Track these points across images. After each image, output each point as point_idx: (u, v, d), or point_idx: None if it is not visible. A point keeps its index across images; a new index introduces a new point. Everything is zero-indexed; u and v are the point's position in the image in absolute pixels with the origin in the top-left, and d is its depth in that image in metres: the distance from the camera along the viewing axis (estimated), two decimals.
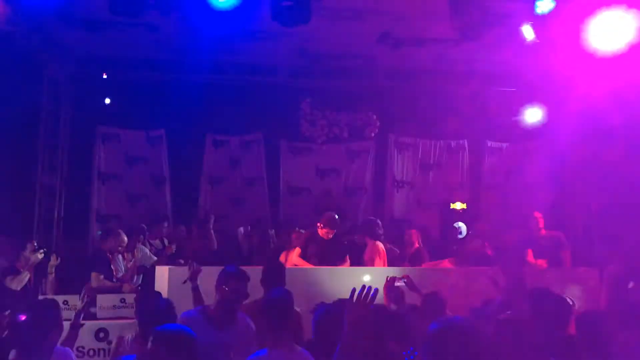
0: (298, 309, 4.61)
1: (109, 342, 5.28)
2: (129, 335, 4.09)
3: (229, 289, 3.85)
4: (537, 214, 7.63)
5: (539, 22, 6.89)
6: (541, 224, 7.51)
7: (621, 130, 8.25)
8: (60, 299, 4.99)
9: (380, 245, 7.09)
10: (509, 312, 2.57)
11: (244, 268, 4.08)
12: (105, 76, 8.89)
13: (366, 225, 7.29)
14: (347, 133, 10.01)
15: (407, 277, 5.33)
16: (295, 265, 6.58)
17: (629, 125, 8.08)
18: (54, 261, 6.61)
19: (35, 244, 6.43)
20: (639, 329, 3.10)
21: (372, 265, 6.89)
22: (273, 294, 3.66)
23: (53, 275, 6.59)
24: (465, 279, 6.29)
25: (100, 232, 7.91)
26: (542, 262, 7.20)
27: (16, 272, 6.08)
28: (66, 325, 3.85)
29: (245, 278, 3.96)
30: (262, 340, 3.58)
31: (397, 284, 5.20)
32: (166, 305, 3.78)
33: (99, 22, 7.53)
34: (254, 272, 4.38)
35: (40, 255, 6.27)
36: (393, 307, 4.76)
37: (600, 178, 9.02)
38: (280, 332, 3.35)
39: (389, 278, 5.18)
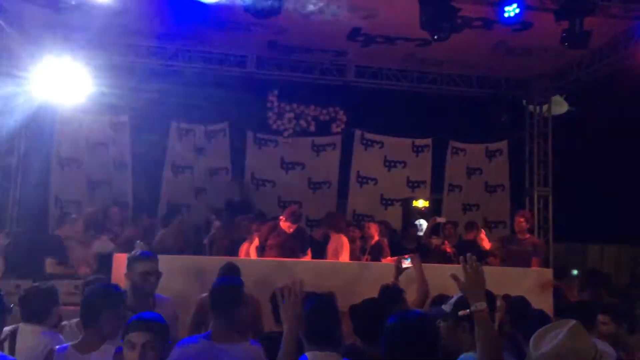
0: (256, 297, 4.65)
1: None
2: (71, 321, 4.02)
3: (136, 273, 3.76)
4: (521, 218, 7.79)
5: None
6: (525, 227, 7.69)
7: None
8: (12, 283, 4.86)
9: (345, 238, 7.15)
10: (467, 309, 2.61)
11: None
12: (68, 57, 8.64)
13: (330, 219, 7.34)
14: (313, 127, 10.02)
15: (413, 256, 5.30)
16: (248, 256, 6.60)
17: None
18: (3, 240, 6.42)
19: None
20: None
21: (336, 258, 6.94)
22: (216, 283, 3.59)
23: (2, 257, 6.40)
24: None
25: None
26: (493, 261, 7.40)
27: None
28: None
29: (152, 259, 3.86)
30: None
31: (404, 265, 5.19)
32: (113, 291, 3.67)
33: (66, 2, 7.34)
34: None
35: None
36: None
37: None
38: (219, 321, 3.30)
39: (396, 258, 5.22)
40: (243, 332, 3.47)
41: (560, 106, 9.90)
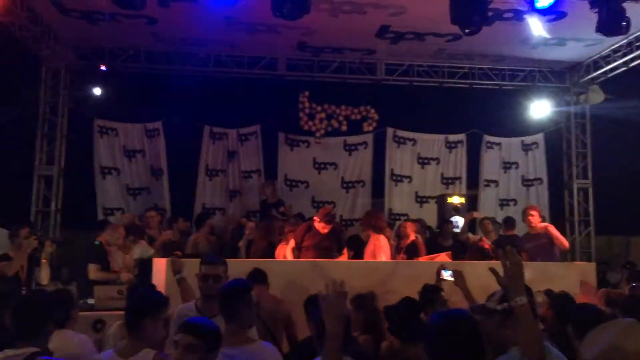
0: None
1: None
2: (117, 323, 4.08)
3: (200, 276, 3.76)
4: (532, 211, 7.66)
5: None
6: (535, 221, 7.54)
7: None
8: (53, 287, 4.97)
9: (384, 238, 7.09)
10: (506, 303, 2.56)
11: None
12: (103, 68, 8.87)
13: (370, 218, 7.29)
14: (345, 126, 10.01)
15: (456, 271, 4.70)
16: (285, 257, 6.61)
17: None
18: (48, 247, 6.57)
19: (29, 231, 6.36)
20: None
21: (374, 258, 6.90)
22: (222, 287, 3.47)
23: (47, 262, 6.55)
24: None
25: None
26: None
27: (8, 259, 6.06)
28: None
29: (217, 262, 3.84)
30: None
31: (443, 277, 4.87)
32: (155, 297, 3.70)
33: (99, 13, 7.52)
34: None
35: (34, 242, 6.20)
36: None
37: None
38: (227, 325, 3.19)
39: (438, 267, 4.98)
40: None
41: (597, 95, 9.62)
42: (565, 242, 7.62)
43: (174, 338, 2.75)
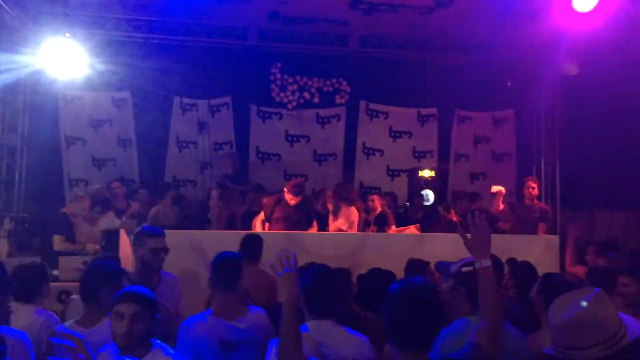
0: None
1: None
2: (76, 297, 4.04)
3: (145, 249, 3.75)
4: (532, 183, 7.77)
5: None
6: (535, 193, 7.67)
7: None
8: (16, 261, 4.88)
9: (356, 210, 7.14)
10: (471, 266, 2.59)
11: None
12: (68, 35, 8.59)
13: (341, 190, 7.32)
14: (317, 99, 9.94)
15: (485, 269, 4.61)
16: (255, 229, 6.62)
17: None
18: (7, 225, 6.46)
19: None
20: None
21: (348, 230, 6.94)
22: (215, 259, 3.55)
23: (6, 238, 6.45)
24: (434, 244, 6.37)
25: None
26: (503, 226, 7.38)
27: None
28: None
29: (161, 235, 3.85)
30: None
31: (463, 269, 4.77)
32: (111, 267, 3.67)
33: None
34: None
35: None
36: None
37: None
38: (221, 296, 3.32)
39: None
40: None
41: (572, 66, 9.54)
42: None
43: (116, 308, 2.75)
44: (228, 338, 3.20)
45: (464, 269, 2.69)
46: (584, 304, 2.11)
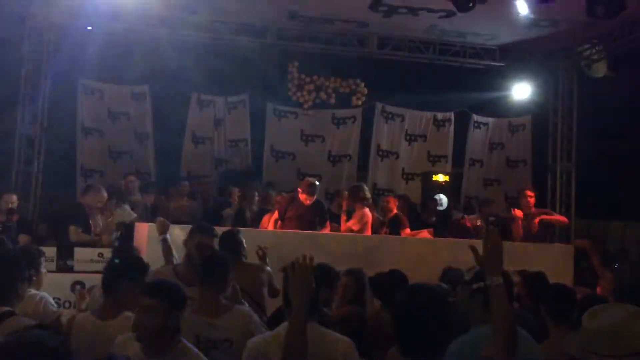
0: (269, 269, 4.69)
1: None
2: (95, 288, 4.09)
3: (192, 244, 3.80)
4: (529, 192, 7.75)
5: None
6: (532, 202, 7.65)
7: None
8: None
9: (369, 211, 7.15)
10: (482, 282, 2.56)
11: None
12: (90, 28, 8.66)
13: (357, 191, 7.33)
14: (334, 99, 9.94)
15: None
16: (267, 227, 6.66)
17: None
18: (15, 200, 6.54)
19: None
20: None
21: (361, 231, 6.95)
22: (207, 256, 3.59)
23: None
24: (447, 249, 6.36)
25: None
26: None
27: None
28: None
29: (210, 232, 3.89)
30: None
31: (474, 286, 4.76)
32: (136, 261, 3.68)
33: None
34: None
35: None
36: None
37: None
38: (205, 294, 3.29)
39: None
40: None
41: (601, 68, 9.32)
42: (563, 218, 8.12)
43: (139, 299, 2.77)
44: (206, 336, 3.13)
45: (475, 285, 2.65)
46: (619, 316, 2.14)
